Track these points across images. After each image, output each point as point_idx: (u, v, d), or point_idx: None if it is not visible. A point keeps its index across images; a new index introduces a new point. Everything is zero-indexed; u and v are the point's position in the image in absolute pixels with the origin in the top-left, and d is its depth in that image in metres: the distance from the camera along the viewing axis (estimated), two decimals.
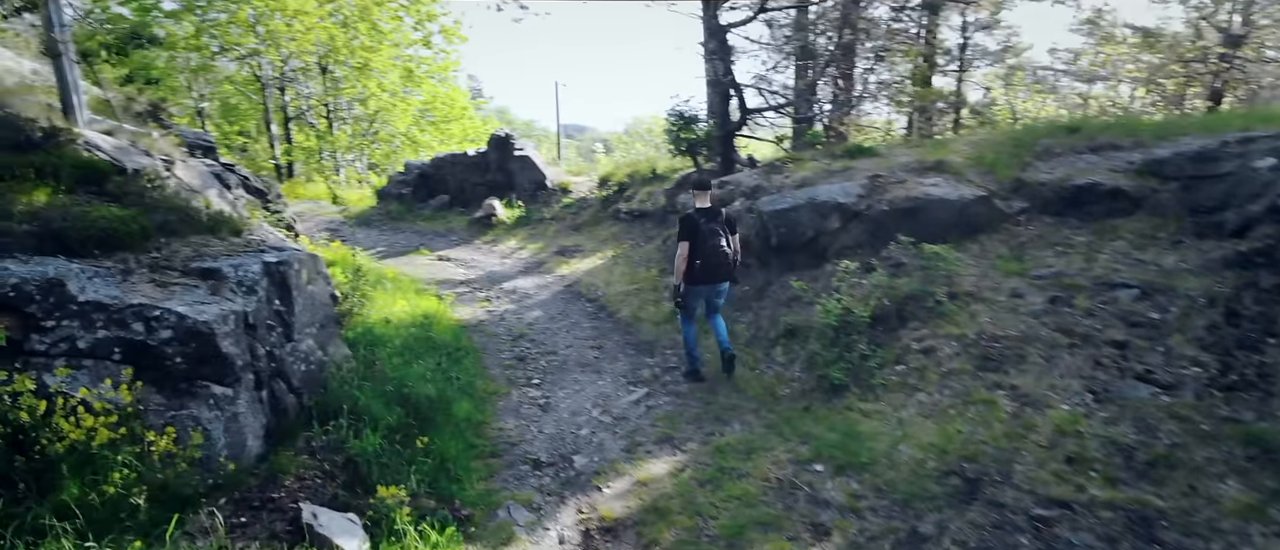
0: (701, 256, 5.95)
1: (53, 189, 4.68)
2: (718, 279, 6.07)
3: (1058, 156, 7.55)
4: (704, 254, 5.94)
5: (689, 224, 6.01)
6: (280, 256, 5.12)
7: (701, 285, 6.08)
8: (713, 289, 6.14)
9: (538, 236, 11.91)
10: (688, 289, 6.08)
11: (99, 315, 3.93)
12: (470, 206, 13.89)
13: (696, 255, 5.95)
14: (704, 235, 5.95)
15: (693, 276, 6.02)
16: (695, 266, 5.97)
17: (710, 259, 5.96)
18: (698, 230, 5.95)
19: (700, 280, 6.04)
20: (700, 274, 6.00)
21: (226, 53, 22.53)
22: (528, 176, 13.76)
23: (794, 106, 9.18)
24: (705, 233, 5.95)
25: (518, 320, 8.13)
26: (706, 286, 6.09)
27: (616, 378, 6.40)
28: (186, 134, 9.01)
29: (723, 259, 5.97)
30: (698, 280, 6.04)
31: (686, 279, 6.03)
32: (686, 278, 6.02)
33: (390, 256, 11.54)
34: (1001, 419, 4.88)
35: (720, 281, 6.10)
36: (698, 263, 5.96)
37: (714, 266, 5.98)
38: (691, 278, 6.02)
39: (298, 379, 5.00)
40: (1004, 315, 5.75)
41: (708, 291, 6.14)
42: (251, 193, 9.14)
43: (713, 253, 5.94)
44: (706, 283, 6.06)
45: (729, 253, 5.99)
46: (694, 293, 6.12)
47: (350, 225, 14.25)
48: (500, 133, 14.54)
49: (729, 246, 6.01)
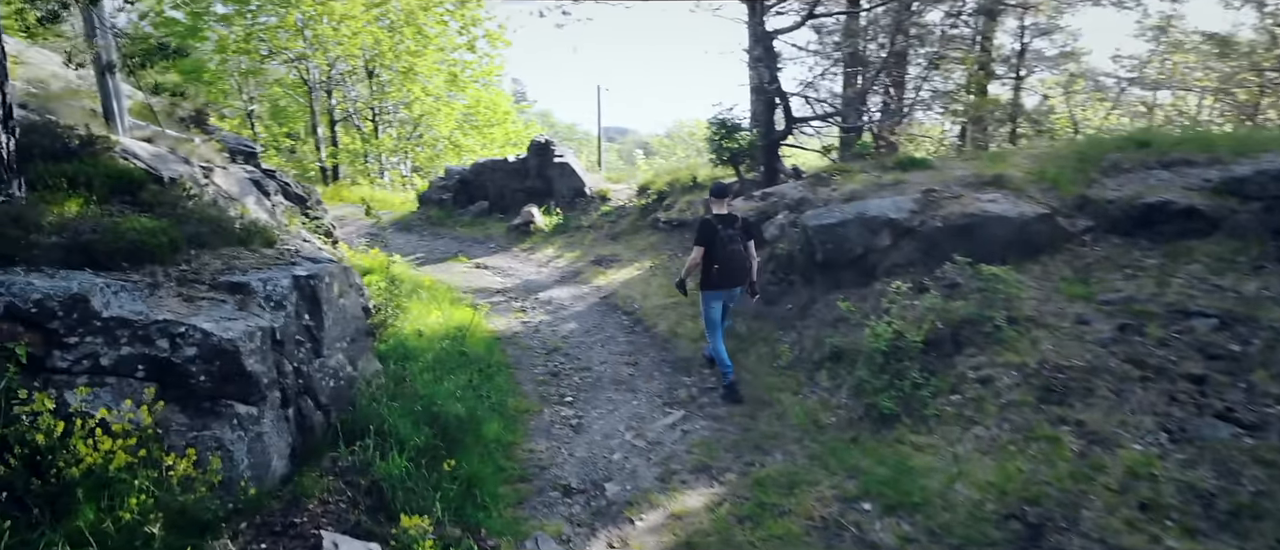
0: (719, 262, 6.07)
1: (85, 199, 4.64)
2: (735, 284, 6.19)
3: (1126, 172, 7.08)
4: (722, 259, 6.06)
5: (706, 229, 6.13)
6: (311, 270, 5.01)
7: (719, 290, 6.18)
8: (729, 294, 6.25)
9: (575, 245, 11.75)
10: (705, 295, 6.23)
11: (123, 331, 3.84)
12: (509, 213, 13.81)
13: (714, 260, 6.08)
14: (722, 241, 6.06)
15: (710, 282, 6.15)
16: (713, 272, 6.10)
17: (727, 264, 6.08)
18: (716, 236, 6.07)
19: (717, 285, 6.16)
20: (717, 279, 6.13)
21: (275, 56, 22.96)
22: (567, 183, 13.63)
23: (842, 116, 8.83)
24: (723, 238, 6.07)
25: (552, 333, 7.95)
26: (724, 291, 6.21)
27: (651, 397, 6.17)
28: (228, 139, 9.08)
29: (739, 264, 6.10)
30: (715, 285, 6.16)
31: (704, 285, 6.19)
32: (704, 284, 6.19)
33: (428, 263, 11.51)
34: (1067, 458, 4.52)
35: (737, 286, 6.22)
36: (716, 268, 6.09)
37: (731, 271, 6.11)
38: (709, 283, 6.16)
39: (326, 395, 4.88)
40: (1068, 343, 5.37)
41: (725, 296, 6.25)
42: (291, 199, 9.17)
43: (730, 258, 6.07)
44: (724, 288, 6.18)
45: (746, 258, 6.15)
46: (712, 297, 6.22)
47: (391, 230, 14.27)
48: (540, 139, 14.44)
49: (747, 253, 6.17)
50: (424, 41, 25.35)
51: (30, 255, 3.92)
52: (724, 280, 6.14)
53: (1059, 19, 11.37)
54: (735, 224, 6.20)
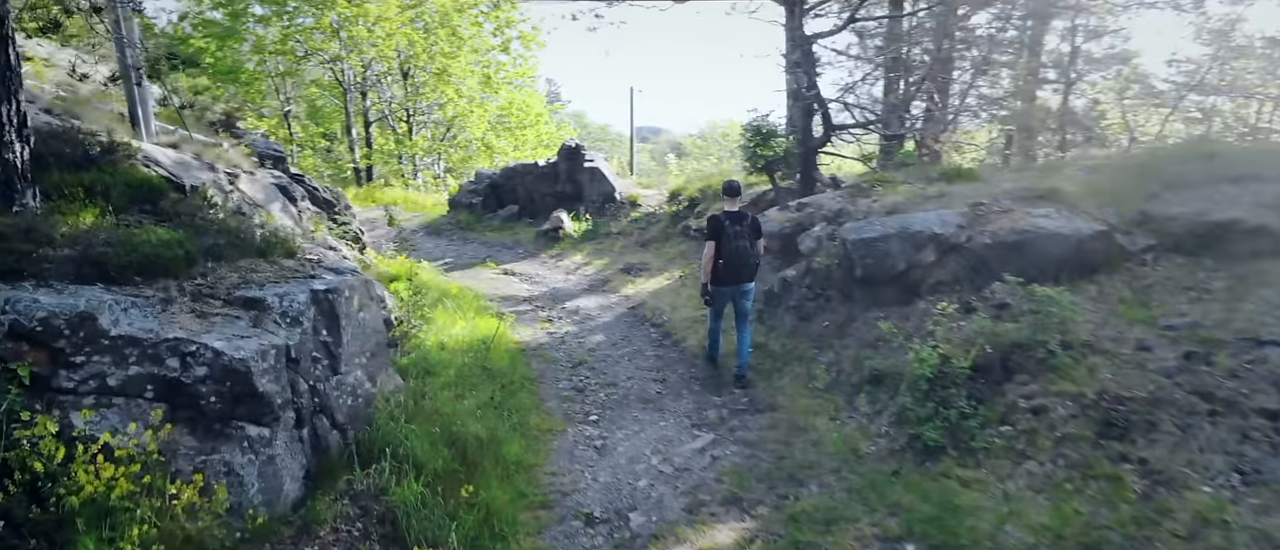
0: (725, 257, 6.35)
1: (101, 210, 4.54)
2: (741, 279, 6.43)
3: (1191, 187, 6.63)
4: (728, 254, 6.33)
5: (715, 225, 6.42)
6: (330, 283, 4.85)
7: (726, 285, 6.45)
8: (738, 289, 6.47)
9: (604, 252, 11.54)
10: (714, 289, 6.51)
11: (132, 350, 3.71)
12: (538, 218, 13.66)
13: (720, 255, 6.36)
14: (729, 237, 6.33)
15: (718, 276, 6.43)
16: (719, 266, 6.38)
17: (733, 259, 6.35)
18: (723, 231, 6.34)
19: (725, 280, 6.43)
20: (724, 274, 6.40)
21: (311, 57, 23.18)
22: (597, 188, 13.43)
23: (884, 123, 8.47)
24: (730, 234, 6.33)
25: (578, 345, 7.74)
26: (731, 286, 6.45)
27: (679, 418, 5.91)
28: (258, 144, 9.04)
29: (746, 260, 6.36)
30: (722, 280, 6.44)
31: (712, 279, 6.46)
32: (712, 278, 6.45)
33: (456, 269, 11.40)
34: (1129, 500, 4.17)
35: (744, 281, 6.45)
36: (721, 262, 6.37)
37: (738, 267, 6.37)
38: (717, 277, 6.44)
39: (343, 414, 4.72)
40: (1129, 372, 4.98)
41: (733, 291, 6.48)
42: (319, 205, 9.09)
43: (736, 254, 6.33)
44: (731, 282, 6.43)
45: (752, 254, 6.39)
46: (720, 293, 6.52)
47: (420, 234, 14.25)
48: (571, 143, 14.27)
49: (754, 250, 6.41)
50: (458, 43, 25.41)
51: (40, 269, 3.81)
52: (730, 275, 6.40)
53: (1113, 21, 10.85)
54: (743, 221, 6.44)
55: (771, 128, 9.27)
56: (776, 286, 7.33)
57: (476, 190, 15.00)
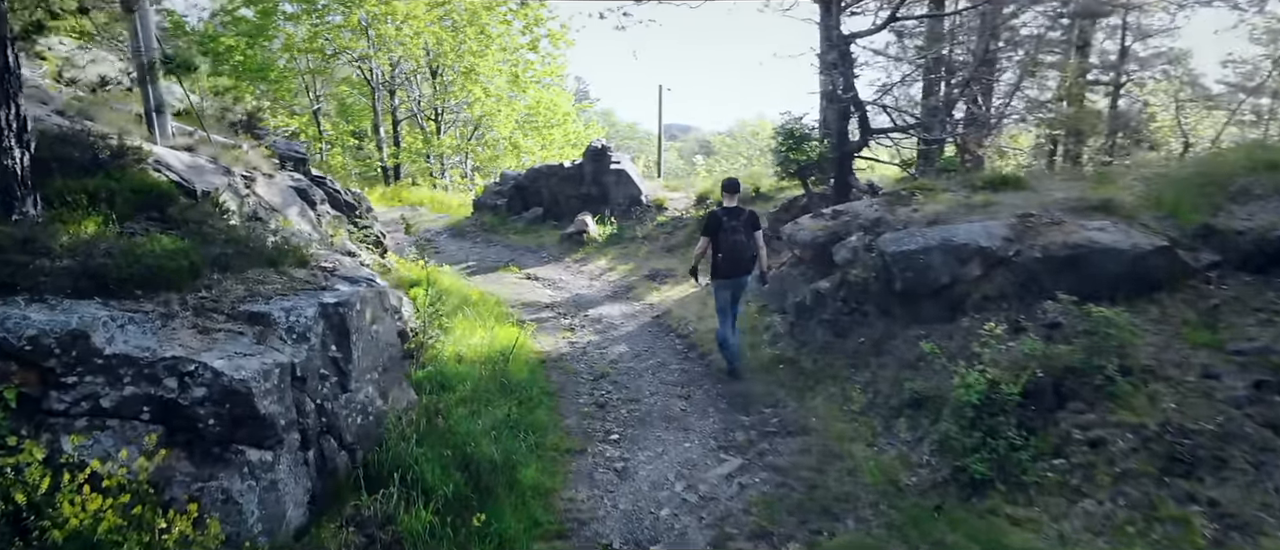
0: (722, 251, 6.55)
1: (104, 218, 4.38)
2: (738, 273, 6.64)
3: (1259, 198, 6.16)
4: (725, 249, 6.54)
5: (712, 220, 6.66)
6: (340, 296, 4.64)
7: (724, 279, 6.65)
8: (735, 282, 6.68)
9: (629, 257, 11.27)
10: (713, 284, 6.77)
11: (127, 370, 3.52)
12: (563, 220, 13.44)
13: (718, 249, 6.57)
14: (726, 232, 6.53)
15: (716, 270, 6.65)
16: (718, 260, 6.59)
17: (730, 254, 6.54)
18: (720, 226, 6.55)
19: (722, 274, 6.63)
20: (722, 267, 6.60)
21: (340, 56, 23.25)
22: (623, 191, 13.16)
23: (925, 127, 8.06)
24: (727, 229, 6.53)
25: (600, 356, 7.48)
26: (729, 280, 6.65)
27: (705, 439, 5.62)
28: (279, 145, 8.93)
29: (742, 254, 6.56)
30: (720, 274, 6.64)
31: (712, 274, 6.71)
32: (712, 273, 6.70)
33: (479, 272, 11.22)
34: (1198, 546, 3.80)
35: (742, 274, 6.66)
36: (719, 256, 6.58)
37: (734, 261, 6.57)
38: (715, 272, 6.66)
39: (352, 433, 4.51)
40: (1195, 401, 4.59)
41: (731, 285, 6.68)
42: (339, 208, 8.95)
43: (733, 248, 6.53)
44: (728, 276, 6.63)
45: (749, 248, 6.59)
46: (719, 286, 6.71)
47: (444, 236, 14.12)
48: (596, 144, 14.03)
49: (750, 243, 6.60)
50: (486, 41, 25.33)
51: (36, 283, 3.64)
52: (727, 269, 6.60)
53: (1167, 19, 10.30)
54: (740, 216, 6.62)
55: (805, 131, 8.91)
56: (809, 299, 7.00)
57: (501, 192, 14.83)
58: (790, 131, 9.02)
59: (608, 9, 10.97)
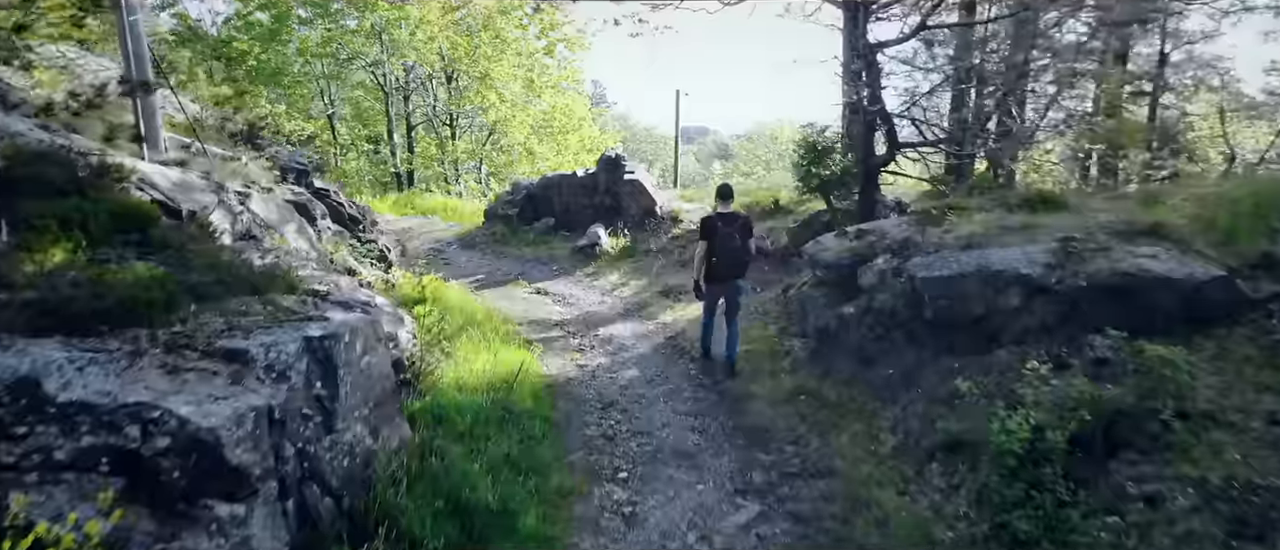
0: (718, 255, 6.79)
1: (75, 245, 4.09)
2: (733, 276, 6.92)
3: None
4: (721, 254, 6.78)
5: (708, 225, 6.88)
6: (327, 328, 4.32)
7: (719, 281, 6.93)
8: (731, 285, 6.97)
9: (642, 272, 10.91)
10: (707, 286, 7.00)
11: (84, 418, 3.21)
12: (575, 231, 13.11)
13: (713, 253, 6.80)
14: (722, 237, 6.76)
15: (711, 274, 6.89)
16: (713, 264, 6.82)
17: (726, 258, 6.80)
18: (716, 232, 6.78)
19: (717, 278, 6.90)
20: (718, 271, 6.86)
21: (354, 60, 23.13)
22: (636, 202, 12.81)
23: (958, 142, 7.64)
24: (723, 235, 6.77)
25: (610, 381, 7.13)
26: (725, 283, 6.94)
27: (720, 480, 5.24)
28: (281, 156, 8.67)
29: (737, 258, 6.83)
30: (715, 278, 6.91)
31: (706, 277, 6.94)
32: (706, 276, 6.93)
33: (487, 286, 10.91)
34: None
35: (736, 278, 6.97)
36: (714, 260, 6.80)
37: (730, 264, 6.85)
38: (711, 274, 6.90)
39: (337, 478, 4.18)
40: (1262, 453, 4.16)
41: (726, 288, 6.97)
42: (342, 222, 8.68)
43: (728, 253, 6.79)
44: (724, 279, 6.91)
45: (743, 253, 6.85)
46: (712, 290, 7.01)
47: (454, 247, 13.84)
48: (610, 153, 13.69)
49: (744, 248, 6.86)
50: (502, 46, 25.12)
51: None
52: (723, 273, 6.87)
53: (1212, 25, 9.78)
54: (735, 222, 6.88)
55: (827, 143, 8.51)
56: (832, 325, 6.60)
57: (513, 201, 14.54)
58: (812, 145, 8.62)
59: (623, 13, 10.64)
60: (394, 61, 22.55)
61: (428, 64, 24.11)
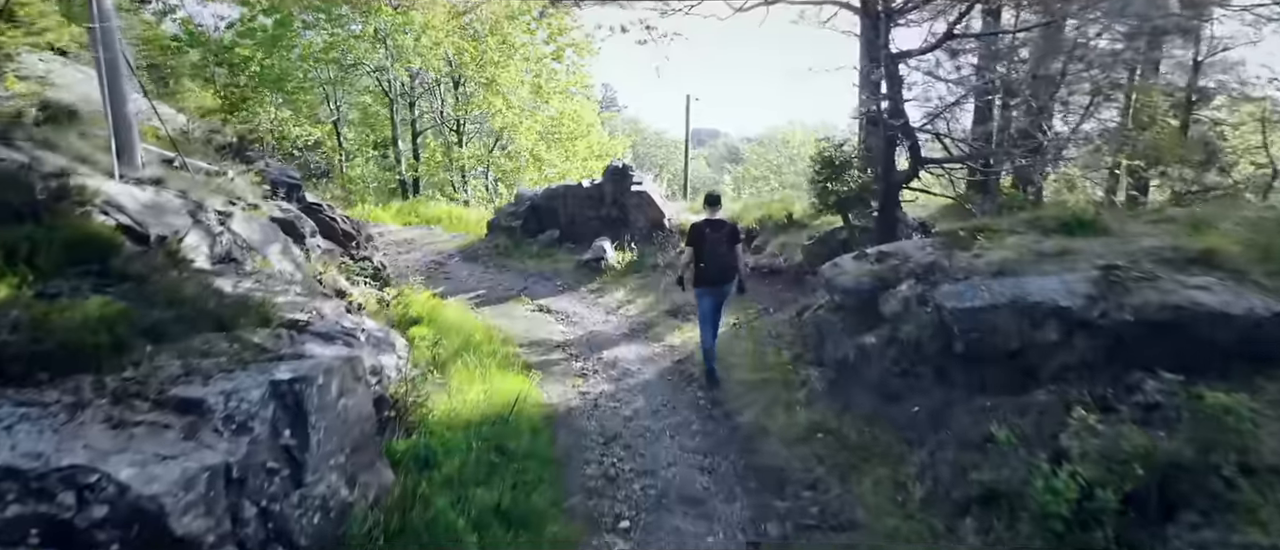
0: (706, 261, 7.01)
1: (20, 279, 3.72)
2: (722, 281, 7.08)
3: None
4: (708, 260, 7.00)
5: (695, 232, 7.11)
6: (298, 370, 3.95)
7: (708, 287, 7.09)
8: (719, 290, 7.12)
9: (649, 288, 10.50)
10: (697, 291, 7.21)
11: (10, 485, 2.86)
12: (580, 244, 12.72)
13: (701, 259, 7.03)
14: (709, 243, 7.00)
15: (699, 279, 7.10)
16: (701, 269, 7.05)
17: (713, 264, 7.01)
18: (703, 238, 7.02)
19: (706, 282, 7.08)
20: (706, 276, 7.05)
21: (358, 66, 22.85)
22: (644, 215, 12.40)
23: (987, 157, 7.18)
24: (710, 241, 7.00)
25: (613, 412, 6.73)
26: (713, 288, 7.09)
27: (731, 531, 4.83)
28: (271, 170, 8.33)
29: (724, 264, 7.03)
30: (703, 282, 7.09)
31: (695, 282, 7.16)
32: (695, 281, 7.15)
33: (488, 303, 10.54)
34: None
35: (725, 283, 7.10)
36: (702, 266, 7.03)
37: (718, 270, 7.03)
38: (698, 280, 7.11)
39: (308, 537, 3.81)
40: None
41: (715, 292, 7.12)
42: (335, 238, 8.32)
43: (716, 258, 7.00)
44: (713, 284, 7.07)
45: (730, 258, 7.07)
46: (702, 294, 7.17)
47: (455, 260, 13.47)
48: (617, 164, 13.30)
49: (731, 254, 7.08)
50: (509, 51, 24.80)
51: None
52: (711, 278, 7.04)
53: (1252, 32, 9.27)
54: (722, 229, 7.08)
55: (845, 158, 8.08)
56: (852, 356, 6.17)
57: (516, 213, 14.17)
58: (828, 159, 8.19)
59: (630, 20, 10.26)
60: (398, 67, 22.24)
61: (433, 69, 23.80)
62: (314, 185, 27.76)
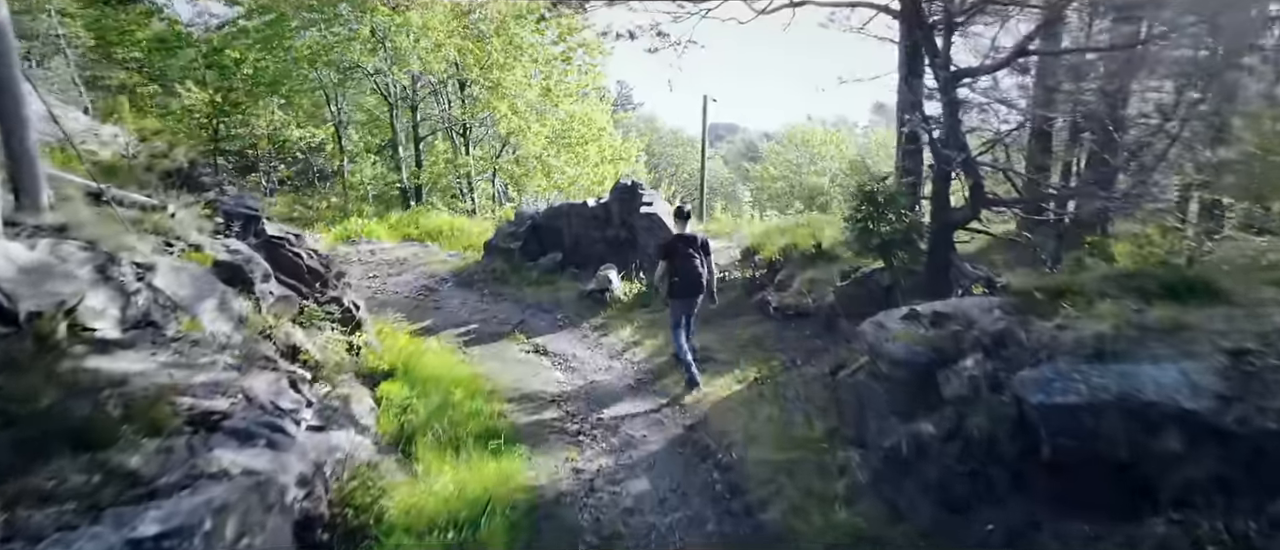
0: (679, 275, 7.56)
1: None
2: (694, 293, 7.68)
3: None
4: (681, 273, 7.55)
5: (668, 247, 7.78)
6: (171, 520, 2.97)
7: (682, 300, 7.67)
8: (691, 302, 7.73)
9: (658, 326, 9.43)
10: (671, 303, 7.75)
11: None
12: (585, 270, 11.70)
13: (675, 273, 7.57)
14: (683, 257, 7.57)
15: (673, 291, 7.64)
16: (675, 284, 7.59)
17: (686, 277, 7.58)
18: (677, 253, 7.62)
19: (680, 295, 7.64)
20: (680, 289, 7.60)
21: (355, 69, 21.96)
22: (654, 238, 11.33)
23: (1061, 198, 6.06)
24: (683, 255, 7.58)
25: (612, 499, 5.70)
26: (687, 301, 7.70)
27: None
28: (226, 203, 7.38)
29: (697, 277, 7.60)
30: (678, 295, 7.64)
31: (669, 294, 7.71)
32: (669, 293, 7.70)
33: (479, 341, 9.55)
34: None
35: (696, 295, 7.70)
36: (676, 280, 7.58)
37: (691, 283, 7.60)
38: (672, 292, 7.66)
39: None
40: None
41: (687, 304, 7.73)
42: (300, 277, 7.32)
43: (688, 272, 7.58)
44: (685, 297, 7.66)
45: (702, 273, 7.64)
46: (676, 306, 7.71)
47: (449, 284, 12.49)
48: (625, 181, 12.24)
49: (703, 267, 7.65)
50: (516, 53, 23.77)
51: None
52: (685, 290, 7.61)
53: None
54: (694, 243, 7.70)
55: (889, 194, 6.97)
56: (904, 445, 5.08)
57: (516, 233, 13.16)
58: (871, 195, 7.08)
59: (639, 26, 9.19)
60: (397, 70, 21.27)
61: (435, 72, 22.80)
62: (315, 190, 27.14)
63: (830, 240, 9.58)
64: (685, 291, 7.59)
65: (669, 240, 7.94)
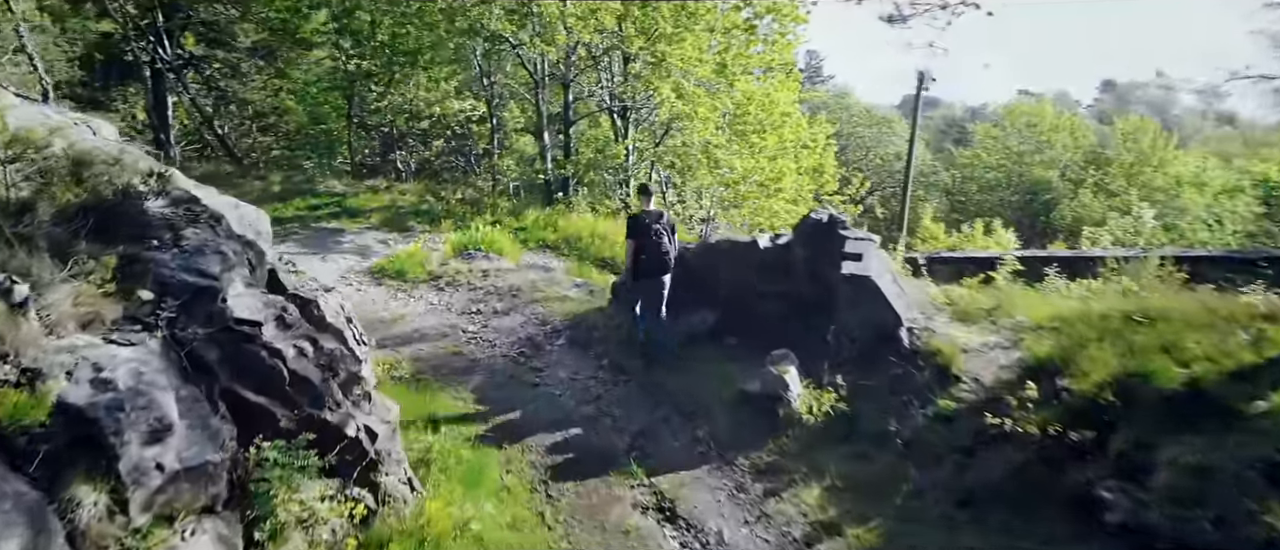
0: (647, 252, 8.04)
1: None
2: (660, 273, 8.11)
3: None
4: (649, 250, 8.03)
5: (634, 224, 8.20)
6: None
7: (646, 279, 8.16)
8: (657, 281, 8.16)
9: (872, 493, 5.70)
10: (635, 282, 8.30)
11: None
12: (749, 340, 8.07)
13: (641, 251, 8.03)
14: (650, 235, 8.01)
15: (638, 270, 8.12)
16: (642, 261, 8.06)
17: (654, 254, 8.04)
18: (645, 230, 8.03)
19: (645, 274, 8.12)
20: (645, 268, 8.08)
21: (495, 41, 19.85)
22: (862, 313, 7.42)
23: None
24: (652, 233, 8.02)
25: None
26: (653, 281, 8.15)
27: None
28: (162, 267, 4.62)
29: (664, 256, 8.06)
30: (643, 274, 8.13)
31: (634, 274, 8.19)
32: (635, 273, 8.18)
33: (575, 473, 6.39)
34: None
35: (662, 274, 8.12)
36: (644, 258, 8.04)
37: (657, 260, 8.05)
38: (637, 271, 8.14)
39: None
40: None
41: (653, 284, 8.18)
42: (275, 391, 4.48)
43: (656, 249, 8.03)
44: (651, 276, 8.12)
45: (671, 251, 8.13)
46: (639, 287, 8.27)
47: (562, 341, 9.33)
48: (817, 217, 8.40)
49: (671, 246, 8.14)
50: (690, 20, 20.36)
51: None
52: (651, 269, 8.08)
53: None
54: (660, 220, 8.12)
55: None
56: None
57: None
58: None
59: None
60: (541, 43, 18.69)
61: (590, 42, 19.94)
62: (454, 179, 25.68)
63: (1209, 369, 5.34)
64: (651, 271, 8.00)
65: (635, 217, 8.28)
